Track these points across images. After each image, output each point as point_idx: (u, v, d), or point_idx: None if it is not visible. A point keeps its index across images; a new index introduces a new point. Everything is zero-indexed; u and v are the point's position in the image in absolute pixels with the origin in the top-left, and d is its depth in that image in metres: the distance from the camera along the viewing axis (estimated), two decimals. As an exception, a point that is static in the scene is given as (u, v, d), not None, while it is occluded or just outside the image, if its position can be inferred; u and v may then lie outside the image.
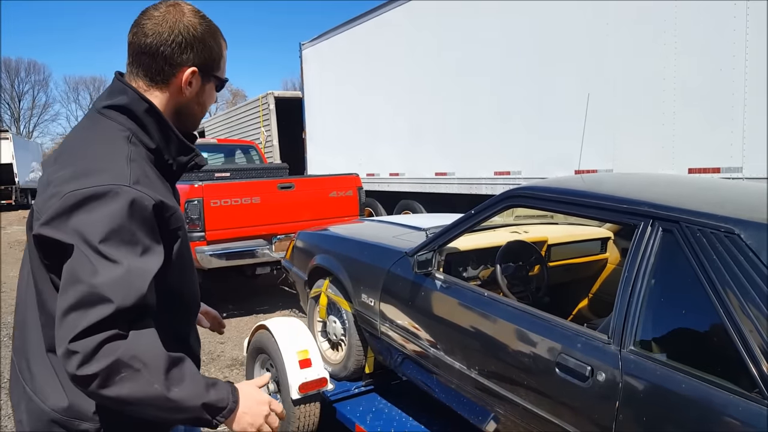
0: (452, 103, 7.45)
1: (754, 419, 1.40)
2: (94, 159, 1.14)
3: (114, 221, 1.06)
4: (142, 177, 1.14)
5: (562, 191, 2.16)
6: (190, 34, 1.23)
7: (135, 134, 1.21)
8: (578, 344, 1.85)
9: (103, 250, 1.04)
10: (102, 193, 1.07)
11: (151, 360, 1.05)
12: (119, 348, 1.02)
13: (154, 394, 1.04)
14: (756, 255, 1.51)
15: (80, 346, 1.00)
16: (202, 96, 1.31)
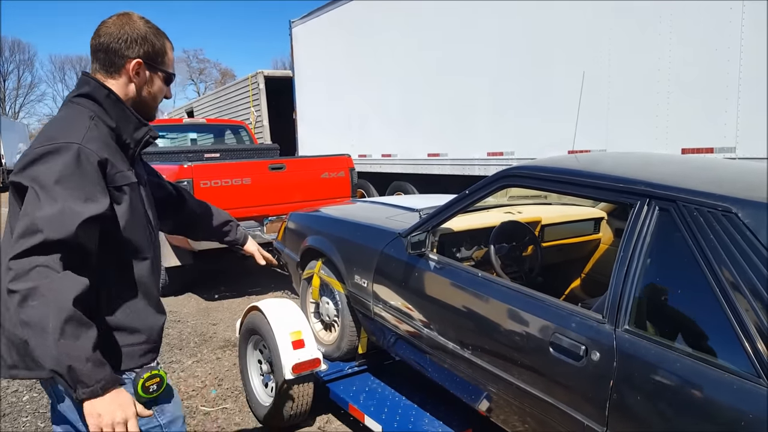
0: (445, 82, 7.39)
1: (748, 398, 1.40)
2: (57, 129, 1.41)
3: (62, 170, 1.32)
4: (94, 141, 1.40)
5: (557, 170, 2.14)
6: (135, 33, 1.51)
7: (97, 115, 1.47)
8: (572, 324, 1.85)
9: (48, 192, 1.29)
10: (56, 149, 1.34)
11: (60, 307, 1.21)
12: (45, 279, 1.23)
13: (42, 332, 1.20)
14: (753, 234, 1.51)
15: (15, 265, 1.24)
16: (151, 86, 1.57)
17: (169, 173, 5.48)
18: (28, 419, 3.35)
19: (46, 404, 3.52)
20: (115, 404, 1.26)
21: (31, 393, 3.69)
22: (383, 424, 2.70)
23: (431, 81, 7.64)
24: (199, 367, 4.11)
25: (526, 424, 2.06)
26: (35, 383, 3.82)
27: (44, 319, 1.21)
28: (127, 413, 1.28)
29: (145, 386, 1.46)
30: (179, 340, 4.69)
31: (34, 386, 3.78)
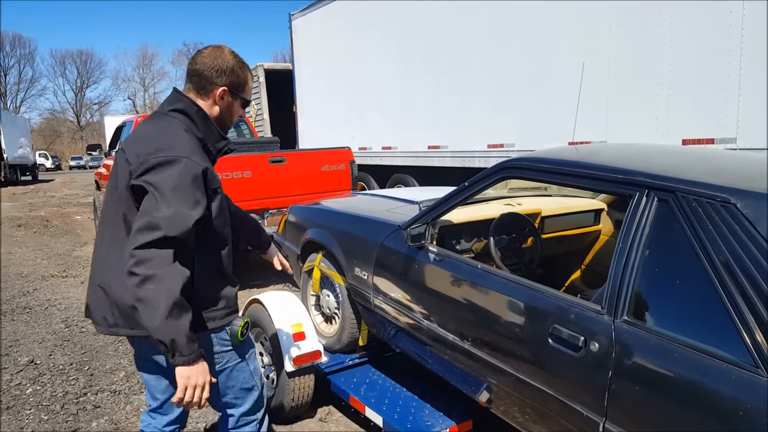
0: (446, 75, 7.37)
1: (747, 388, 1.41)
2: (165, 141, 1.74)
3: (176, 179, 1.66)
4: (196, 153, 1.75)
5: (557, 162, 2.14)
6: (225, 65, 1.86)
7: (189, 128, 1.82)
8: (571, 315, 1.86)
9: (164, 197, 1.64)
10: (169, 160, 1.68)
11: (170, 293, 1.59)
12: (160, 268, 1.59)
13: (155, 310, 1.57)
14: (752, 225, 1.51)
15: (139, 254, 1.59)
16: (231, 109, 1.93)
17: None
18: (32, 412, 3.37)
19: (49, 397, 3.55)
20: (200, 371, 1.69)
21: (35, 386, 3.71)
22: (384, 415, 2.72)
23: (431, 73, 7.62)
24: (200, 359, 4.12)
25: (525, 415, 2.07)
26: (39, 377, 3.85)
27: (157, 301, 1.57)
28: (206, 379, 1.71)
29: (242, 332, 1.92)
30: (181, 333, 4.70)
31: (38, 379, 3.80)
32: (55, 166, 44.59)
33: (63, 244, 9.16)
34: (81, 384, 3.74)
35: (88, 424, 3.23)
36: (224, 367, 1.94)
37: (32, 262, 7.63)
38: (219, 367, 1.93)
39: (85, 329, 4.82)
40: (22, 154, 26.14)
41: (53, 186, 23.19)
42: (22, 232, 10.06)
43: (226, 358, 1.93)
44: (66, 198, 17.07)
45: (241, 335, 1.93)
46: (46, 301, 5.70)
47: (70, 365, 4.04)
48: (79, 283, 6.55)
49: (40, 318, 5.17)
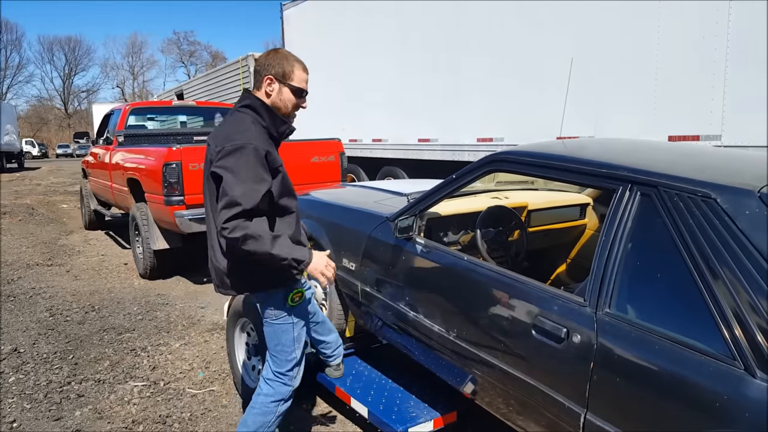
0: (437, 69, 7.37)
1: (724, 380, 1.44)
2: (234, 131, 2.11)
3: (245, 162, 2.02)
4: (259, 139, 2.09)
5: (544, 156, 2.16)
6: (272, 60, 2.21)
7: (255, 120, 2.17)
8: (555, 307, 1.88)
9: (238, 177, 2.00)
10: (238, 147, 2.03)
11: (263, 234, 2.00)
12: (247, 228, 1.98)
13: (264, 250, 2.00)
14: (732, 219, 1.53)
15: (228, 225, 1.97)
16: (280, 95, 2.20)
17: (158, 156, 5.44)
18: (14, 400, 3.35)
19: (32, 385, 3.53)
20: (319, 260, 2.16)
21: (18, 374, 3.69)
22: (369, 406, 2.73)
23: (422, 66, 7.61)
24: (186, 349, 4.12)
25: (509, 406, 2.09)
26: (22, 365, 3.82)
27: (262, 245, 1.99)
28: (326, 260, 2.18)
29: (293, 298, 2.24)
30: (167, 322, 4.70)
31: (21, 368, 3.78)
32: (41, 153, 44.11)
33: (48, 233, 9.09)
34: (65, 373, 3.72)
35: (72, 413, 3.22)
36: (273, 321, 2.26)
37: (17, 250, 7.56)
38: (269, 320, 2.26)
39: (70, 318, 4.80)
40: (8, 141, 25.81)
41: (39, 174, 22.94)
42: (7, 220, 9.96)
43: (279, 315, 2.25)
44: (52, 186, 16.91)
45: (291, 300, 2.24)
46: (30, 290, 5.66)
47: (54, 354, 4.02)
48: (65, 271, 6.50)
49: (24, 306, 5.13)
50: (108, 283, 6.02)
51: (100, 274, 6.45)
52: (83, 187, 9.28)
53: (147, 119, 8.27)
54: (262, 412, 2.31)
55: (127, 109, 7.73)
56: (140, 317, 4.84)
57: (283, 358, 2.30)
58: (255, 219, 2.04)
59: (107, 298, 5.43)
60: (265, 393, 2.32)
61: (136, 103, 8.23)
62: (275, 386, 2.32)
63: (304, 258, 2.10)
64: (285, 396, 2.33)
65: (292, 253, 2.07)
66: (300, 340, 2.33)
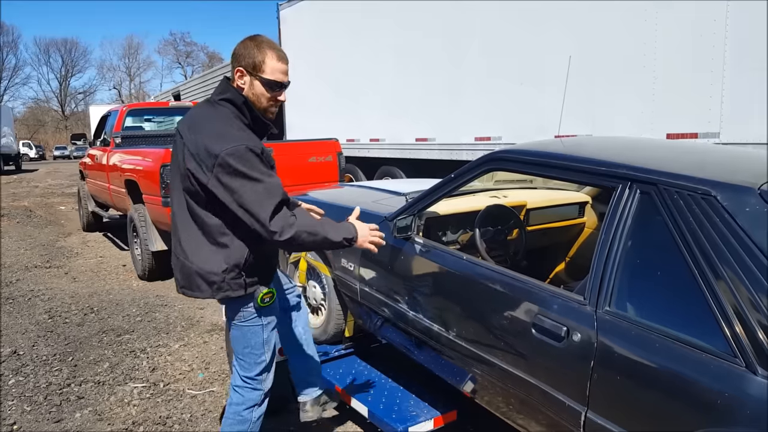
0: (435, 68, 7.37)
1: (725, 378, 1.44)
2: (222, 128, 1.95)
3: (250, 163, 1.89)
4: (248, 138, 1.96)
5: (542, 154, 2.16)
6: (243, 50, 2.01)
7: (237, 116, 2.02)
8: (554, 305, 1.88)
9: (253, 179, 1.89)
10: (236, 150, 1.88)
11: (311, 223, 1.99)
12: (294, 222, 1.93)
13: (320, 238, 2.00)
14: (732, 217, 1.53)
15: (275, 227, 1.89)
16: (252, 89, 2.02)
17: (155, 157, 5.44)
18: (14, 403, 3.34)
19: (32, 388, 3.52)
20: (363, 230, 2.15)
21: (17, 377, 3.68)
22: (369, 405, 2.73)
23: (420, 66, 7.61)
24: (186, 350, 4.12)
25: (509, 405, 2.09)
26: (22, 367, 3.81)
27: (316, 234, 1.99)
28: (369, 231, 2.17)
29: (263, 299, 2.12)
30: (166, 324, 4.69)
31: (21, 370, 3.77)
32: (38, 155, 44.01)
33: (47, 235, 9.07)
34: (64, 375, 3.71)
35: (72, 415, 3.21)
36: (242, 323, 2.16)
37: (15, 253, 7.55)
38: (236, 321, 2.16)
39: (69, 320, 4.79)
40: (6, 143, 25.74)
41: (37, 176, 22.90)
42: (5, 222, 9.94)
43: (247, 316, 2.14)
44: (50, 188, 16.88)
45: (261, 301, 2.13)
46: (29, 292, 5.65)
47: (53, 356, 4.02)
48: (63, 273, 6.49)
49: (23, 309, 5.12)
50: (107, 285, 6.01)
51: (99, 275, 6.44)
52: (81, 188, 9.26)
53: (144, 120, 8.26)
54: (236, 421, 2.23)
55: (124, 111, 7.72)
56: (139, 319, 4.83)
57: (251, 362, 2.20)
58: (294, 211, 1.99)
59: (106, 299, 5.42)
60: (236, 402, 2.23)
61: (133, 105, 8.22)
62: (245, 393, 2.23)
63: (351, 234, 2.09)
64: (257, 401, 2.25)
65: (342, 233, 2.06)
66: (269, 342, 2.23)
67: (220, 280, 2.03)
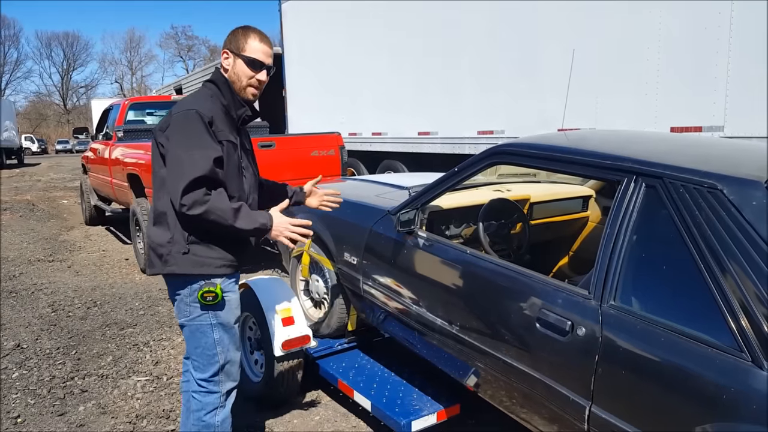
0: (436, 61, 7.34)
1: (731, 373, 1.43)
2: (185, 102, 2.05)
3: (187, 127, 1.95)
4: (208, 108, 2.01)
5: (546, 147, 2.15)
6: (230, 35, 2.12)
7: (215, 95, 2.10)
8: (559, 300, 1.87)
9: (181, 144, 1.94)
10: (181, 113, 1.98)
11: (224, 207, 1.93)
12: (207, 202, 1.90)
13: (228, 224, 1.94)
14: (738, 211, 1.52)
15: (186, 200, 1.89)
16: (235, 69, 2.10)
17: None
18: (18, 396, 3.35)
19: (36, 381, 3.53)
20: (281, 223, 2.07)
21: (21, 370, 3.69)
22: (372, 399, 2.73)
23: (421, 59, 7.58)
24: (189, 344, 4.12)
25: (513, 399, 2.09)
26: (25, 361, 3.82)
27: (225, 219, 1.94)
28: (289, 223, 2.08)
29: (204, 296, 2.04)
30: (169, 317, 4.69)
31: (24, 364, 3.78)
32: (41, 149, 44.06)
33: (49, 229, 9.08)
34: (68, 368, 3.72)
35: (75, 409, 3.22)
36: (189, 322, 2.10)
37: (18, 246, 7.56)
38: (184, 320, 2.10)
39: (72, 314, 4.80)
40: (8, 137, 25.77)
41: (39, 170, 22.92)
42: (7, 216, 9.95)
43: (193, 313, 2.08)
44: (52, 182, 16.89)
45: (201, 297, 2.03)
46: (32, 285, 5.66)
47: (56, 349, 4.02)
48: (66, 267, 6.50)
49: (26, 302, 5.13)
50: (109, 279, 6.01)
51: (102, 269, 6.45)
52: (83, 182, 9.26)
53: (146, 114, 8.25)
54: (198, 428, 2.15)
55: (126, 104, 7.71)
56: (142, 312, 4.84)
57: (204, 362, 2.12)
58: (214, 192, 1.94)
59: (109, 293, 5.42)
60: (195, 408, 2.16)
61: (135, 98, 8.22)
62: (201, 397, 2.15)
63: (266, 223, 2.03)
64: (216, 404, 2.16)
65: (255, 221, 2.00)
66: (223, 343, 2.12)
67: (167, 252, 2.02)
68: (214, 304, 2.07)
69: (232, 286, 2.16)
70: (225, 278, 2.11)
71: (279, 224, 2.07)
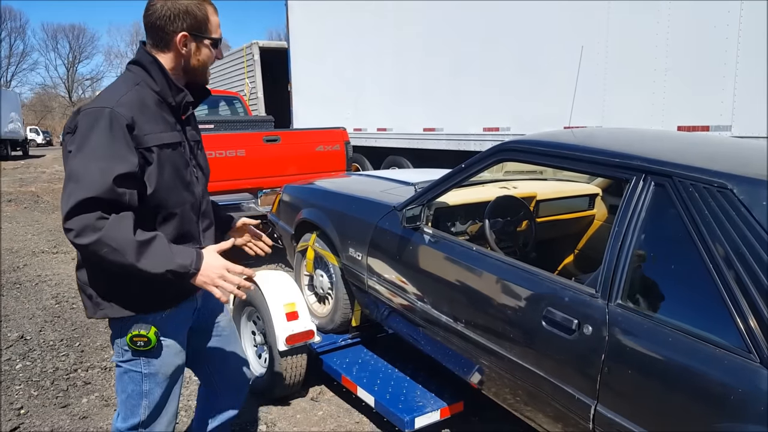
0: (442, 57, 7.31)
1: (739, 373, 1.42)
2: (101, 95, 1.62)
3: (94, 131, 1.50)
4: (128, 104, 1.56)
5: (554, 145, 2.13)
6: (176, 8, 1.62)
7: (144, 80, 1.65)
8: (565, 298, 1.86)
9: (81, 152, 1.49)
10: (91, 112, 1.53)
11: (122, 238, 1.46)
12: (100, 229, 1.45)
13: (127, 263, 1.48)
14: (748, 210, 1.50)
15: (73, 224, 1.45)
16: (199, 55, 1.70)
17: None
18: (21, 387, 3.36)
19: (39, 372, 3.54)
20: (212, 264, 1.59)
21: (24, 362, 3.70)
22: (376, 395, 2.73)
23: (427, 55, 7.55)
24: (192, 338, 4.12)
25: (517, 397, 2.09)
26: (29, 352, 3.83)
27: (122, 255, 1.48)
28: (221, 270, 1.60)
29: (133, 340, 1.67)
30: (173, 311, 4.70)
31: (28, 355, 3.79)
32: (46, 141, 44.15)
33: (54, 220, 9.10)
34: (71, 360, 3.73)
35: (79, 400, 3.23)
36: (120, 363, 1.74)
37: (22, 238, 7.58)
38: (116, 359, 1.75)
39: (76, 305, 4.80)
40: (13, 129, 25.82)
41: (44, 161, 22.97)
42: (12, 207, 9.98)
43: (125, 356, 1.72)
44: (57, 174, 16.93)
45: (131, 342, 1.67)
46: (36, 277, 5.67)
47: (60, 341, 4.03)
48: (70, 259, 6.51)
49: (30, 294, 5.14)
50: (113, 271, 6.02)
51: (106, 262, 6.45)
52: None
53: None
54: None
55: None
56: (146, 305, 4.84)
57: (126, 411, 1.78)
58: (113, 216, 1.48)
59: (113, 286, 5.43)
60: None
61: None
62: None
63: (187, 266, 1.55)
64: None
65: (170, 261, 1.52)
66: (151, 396, 1.76)
67: (94, 294, 1.66)
68: (146, 350, 1.69)
69: (175, 327, 1.77)
70: (168, 313, 1.73)
71: (210, 268, 1.59)
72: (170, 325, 1.74)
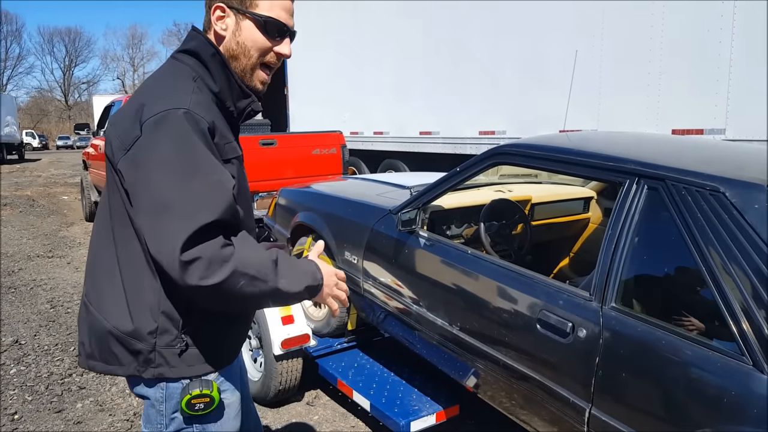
0: (439, 61, 7.33)
1: (732, 376, 1.42)
2: (161, 89, 1.22)
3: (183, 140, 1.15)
4: (204, 107, 1.20)
5: (549, 148, 2.14)
6: None
7: (201, 77, 1.27)
8: (560, 301, 1.86)
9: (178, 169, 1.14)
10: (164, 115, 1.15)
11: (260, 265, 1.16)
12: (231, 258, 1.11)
13: (268, 290, 1.17)
14: (740, 213, 1.51)
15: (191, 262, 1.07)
16: (239, 34, 1.29)
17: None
18: (15, 392, 3.35)
19: (33, 377, 3.52)
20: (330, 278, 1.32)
21: (19, 366, 3.68)
22: (371, 399, 2.73)
23: (424, 59, 7.57)
24: (188, 342, 4.11)
25: (512, 400, 2.09)
26: (23, 357, 3.82)
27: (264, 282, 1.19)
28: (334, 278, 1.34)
29: (191, 403, 1.26)
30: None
31: (22, 360, 3.78)
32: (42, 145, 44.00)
33: (49, 224, 9.07)
34: (66, 365, 3.72)
35: (73, 405, 3.22)
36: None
37: (17, 242, 7.55)
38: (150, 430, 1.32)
39: (71, 310, 4.79)
40: (9, 132, 25.74)
41: (40, 165, 22.91)
42: (7, 211, 9.95)
43: (170, 426, 1.29)
44: (53, 178, 16.89)
45: (187, 406, 1.26)
46: (31, 281, 5.65)
47: (55, 346, 4.02)
48: (65, 263, 6.50)
49: (25, 298, 5.13)
50: (109, 275, 6.00)
51: (101, 266, 6.43)
52: (84, 178, 9.26)
53: (147, 111, 8.22)
54: None
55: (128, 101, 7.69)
56: (141, 309, 4.83)
57: None
58: (235, 239, 1.17)
59: (108, 290, 5.41)
60: None
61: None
62: None
63: (319, 278, 1.29)
64: None
65: (305, 274, 1.26)
66: None
67: (148, 348, 1.23)
68: (205, 414, 1.29)
69: (233, 380, 1.38)
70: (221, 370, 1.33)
71: (329, 276, 1.33)
72: (230, 379, 1.36)
